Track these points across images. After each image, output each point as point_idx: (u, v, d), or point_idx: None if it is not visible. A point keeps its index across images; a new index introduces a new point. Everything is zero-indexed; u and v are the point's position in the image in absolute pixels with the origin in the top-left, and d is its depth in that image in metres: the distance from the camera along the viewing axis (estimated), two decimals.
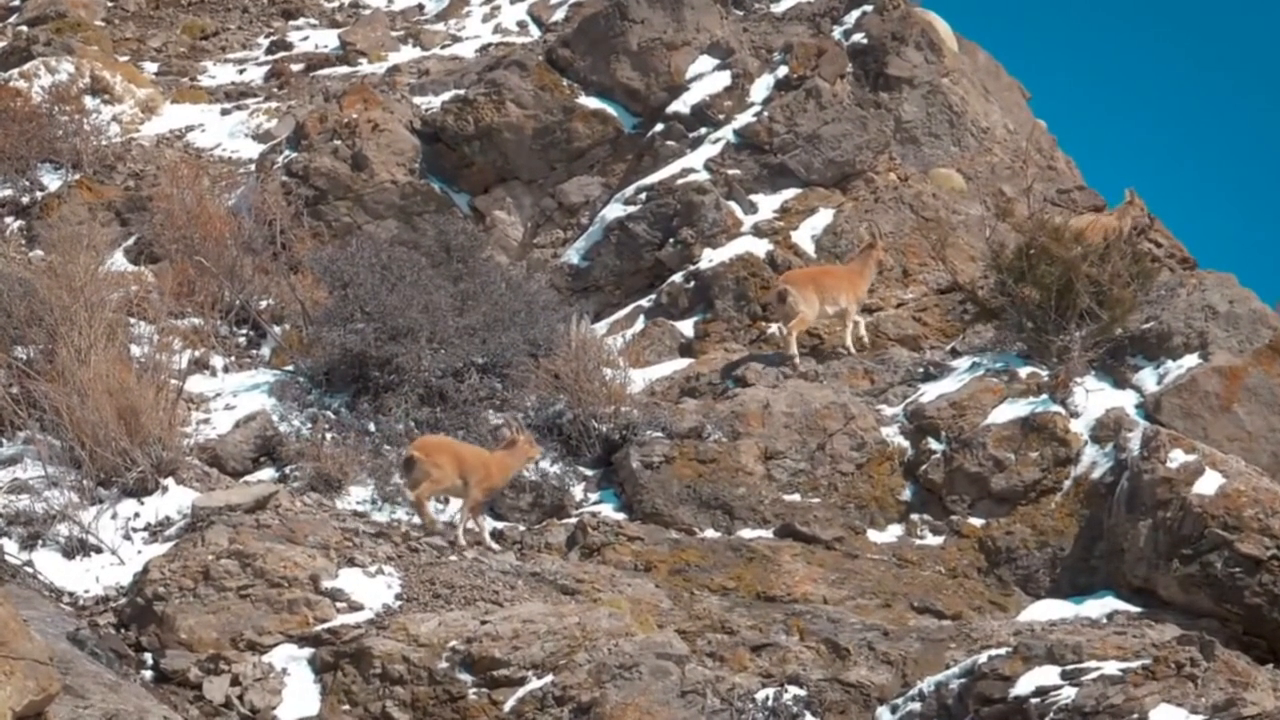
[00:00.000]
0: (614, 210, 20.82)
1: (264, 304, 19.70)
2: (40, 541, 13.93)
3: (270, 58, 28.76)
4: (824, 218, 20.24)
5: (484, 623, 12.80)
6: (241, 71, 28.16)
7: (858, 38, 21.98)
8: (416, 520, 15.72)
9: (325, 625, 13.02)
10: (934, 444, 16.39)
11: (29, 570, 13.58)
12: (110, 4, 30.22)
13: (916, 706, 12.55)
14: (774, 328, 18.78)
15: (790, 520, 15.76)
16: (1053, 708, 11.57)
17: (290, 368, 18.03)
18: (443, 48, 27.83)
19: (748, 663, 13.41)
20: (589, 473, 16.60)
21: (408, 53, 27.83)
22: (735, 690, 12.72)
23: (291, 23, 30.55)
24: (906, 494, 16.31)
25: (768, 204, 20.56)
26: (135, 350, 16.52)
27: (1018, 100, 24.20)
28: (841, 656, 13.45)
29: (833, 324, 18.32)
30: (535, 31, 27.32)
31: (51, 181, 23.40)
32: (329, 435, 16.68)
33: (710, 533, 15.77)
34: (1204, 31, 61.00)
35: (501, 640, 12.61)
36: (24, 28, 28.26)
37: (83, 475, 14.48)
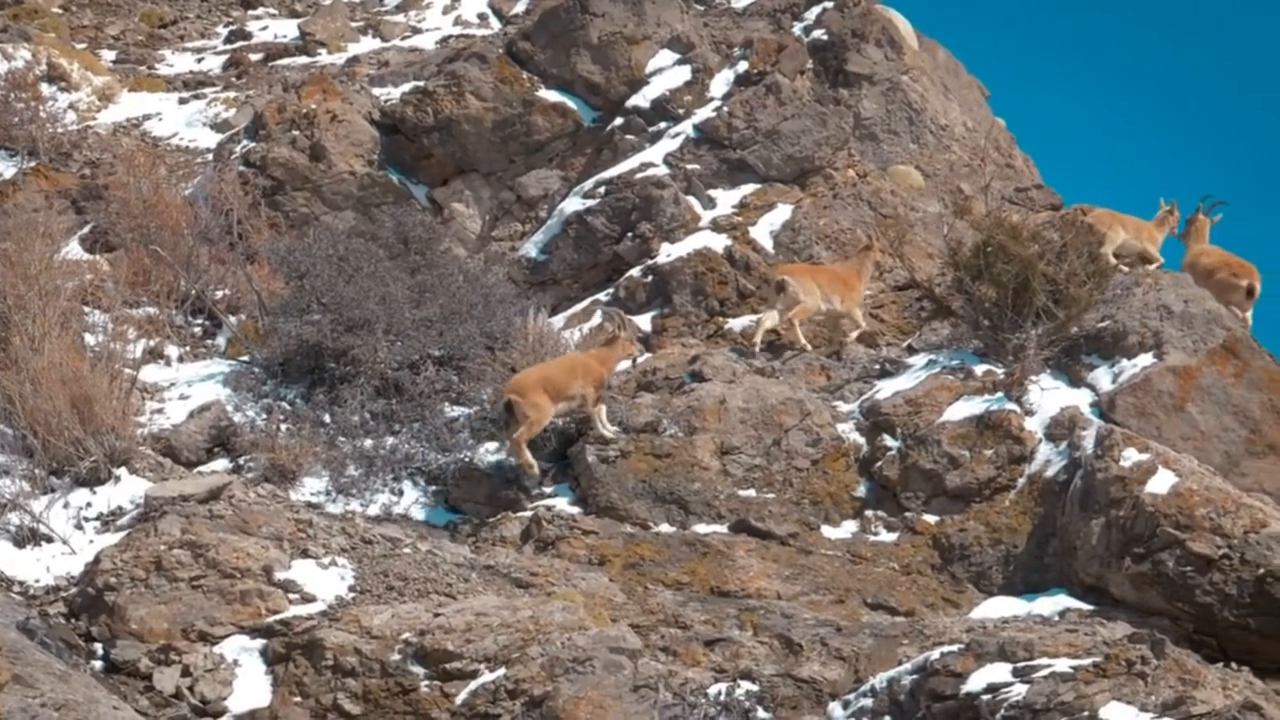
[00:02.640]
0: (572, 204, 20.80)
1: (220, 294, 19.59)
2: None
3: (229, 47, 28.68)
4: (782, 214, 20.27)
5: (437, 615, 12.76)
6: (200, 60, 28.07)
7: (818, 34, 22.05)
8: (370, 512, 15.67)
9: (277, 617, 12.93)
10: (889, 441, 16.40)
11: None
12: None
13: (868, 702, 12.56)
14: (731, 323, 18.79)
15: (745, 515, 15.74)
16: (1004, 704, 11.60)
17: (245, 358, 17.96)
18: (403, 39, 27.81)
19: (701, 658, 13.41)
20: (544, 466, 16.54)
21: (367, 44, 27.81)
22: (688, 685, 12.72)
23: (250, 12, 30.47)
24: (861, 490, 16.30)
25: (726, 199, 20.57)
26: (89, 339, 16.40)
27: (977, 98, 24.28)
28: (794, 652, 13.45)
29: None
30: (496, 24, 27.34)
31: (7, 169, 23.26)
32: (284, 426, 16.63)
33: (665, 527, 15.74)
34: (1166, 33, 61.31)
35: (454, 633, 12.56)
36: None
37: (34, 464, 14.33)
